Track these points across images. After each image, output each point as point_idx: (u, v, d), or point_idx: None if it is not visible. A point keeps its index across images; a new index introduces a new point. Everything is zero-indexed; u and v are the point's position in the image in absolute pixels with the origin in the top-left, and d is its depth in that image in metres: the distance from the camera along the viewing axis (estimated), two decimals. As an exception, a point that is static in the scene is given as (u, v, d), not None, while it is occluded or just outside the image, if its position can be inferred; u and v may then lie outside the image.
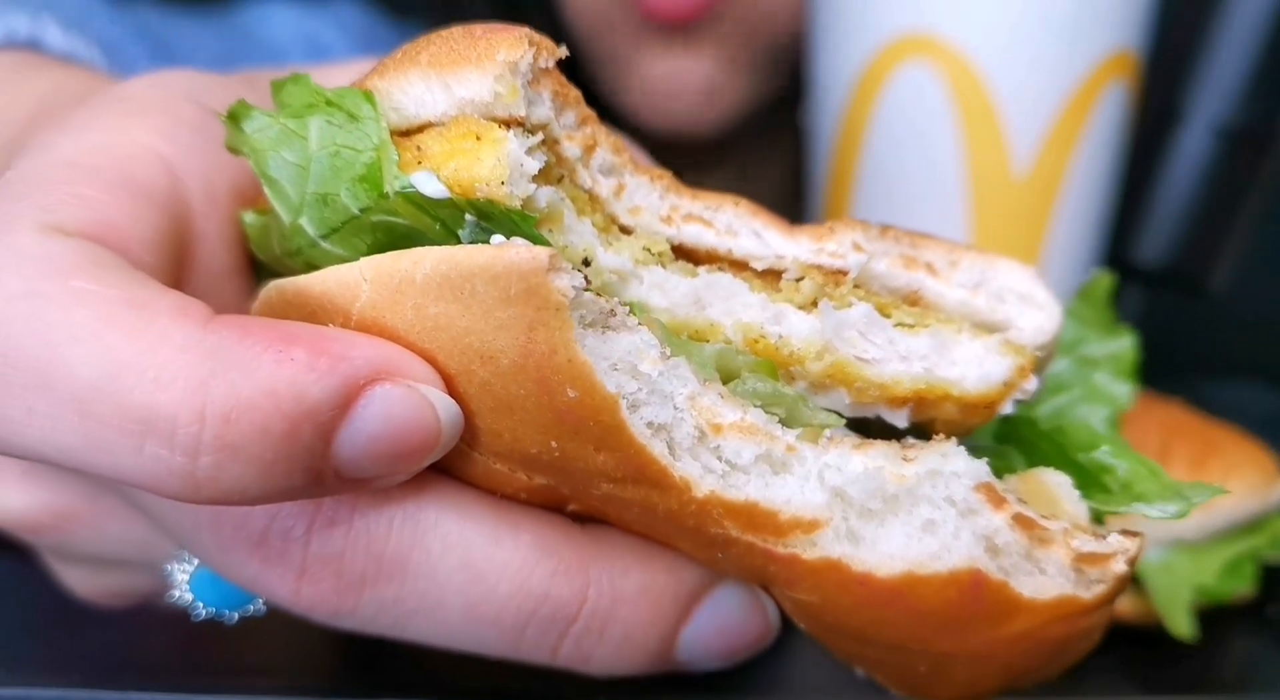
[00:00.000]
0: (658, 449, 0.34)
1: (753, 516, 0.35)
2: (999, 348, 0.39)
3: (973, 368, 0.38)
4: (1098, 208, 0.82)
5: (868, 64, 0.78)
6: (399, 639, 0.39)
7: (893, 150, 0.79)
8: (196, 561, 0.43)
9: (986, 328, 0.39)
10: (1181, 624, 0.59)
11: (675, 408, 0.35)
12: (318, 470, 0.33)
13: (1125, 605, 0.62)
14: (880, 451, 0.35)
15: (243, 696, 0.51)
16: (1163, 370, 0.73)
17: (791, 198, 0.97)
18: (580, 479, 0.35)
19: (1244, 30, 0.88)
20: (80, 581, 0.47)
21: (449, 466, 0.37)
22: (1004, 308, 0.39)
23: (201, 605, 0.44)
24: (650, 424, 0.34)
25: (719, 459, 0.35)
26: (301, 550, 0.36)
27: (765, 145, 1.02)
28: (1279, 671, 0.63)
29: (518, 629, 0.37)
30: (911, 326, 0.39)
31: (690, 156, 0.93)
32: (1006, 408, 0.39)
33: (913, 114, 0.77)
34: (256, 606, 0.44)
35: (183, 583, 0.43)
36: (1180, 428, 0.68)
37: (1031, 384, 0.39)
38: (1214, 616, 0.63)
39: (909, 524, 0.35)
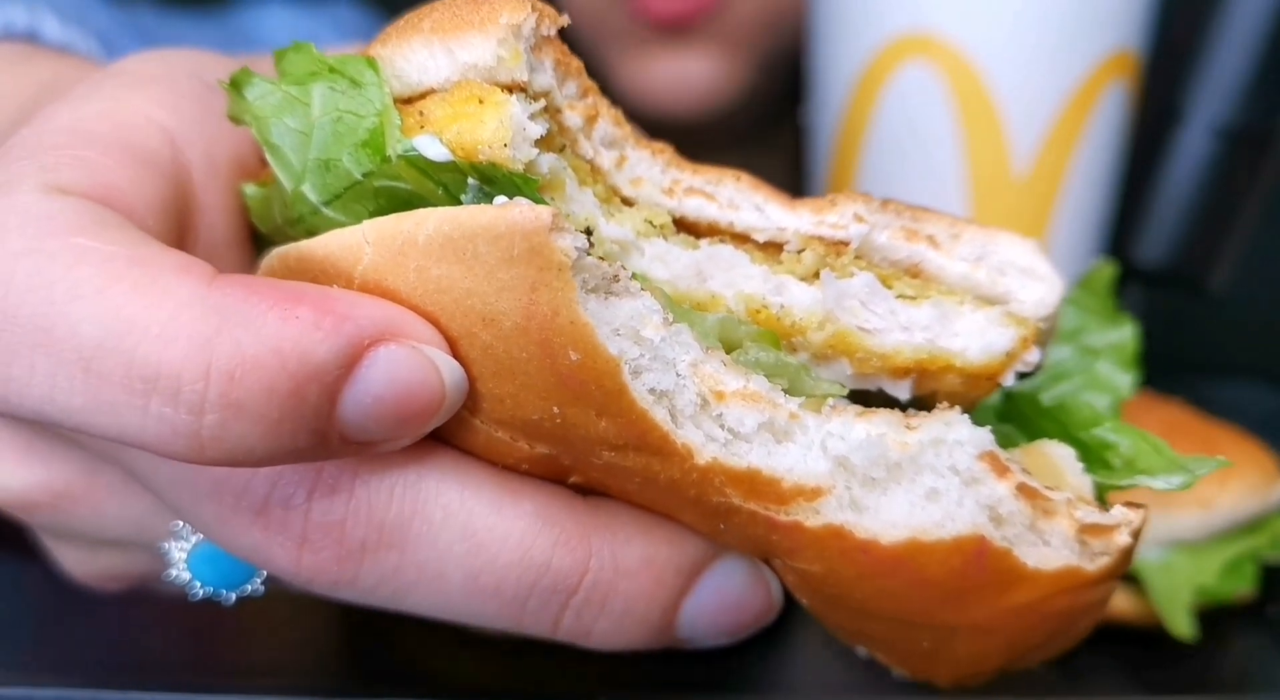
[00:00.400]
0: (660, 415, 0.34)
1: (755, 484, 0.35)
2: (1001, 319, 0.39)
3: (975, 338, 0.39)
4: (1098, 208, 0.82)
5: (868, 64, 0.79)
6: (400, 610, 0.39)
7: (893, 150, 0.80)
8: (194, 540, 0.43)
9: (988, 300, 0.40)
10: (1181, 624, 0.60)
11: (678, 374, 0.35)
12: (323, 431, 0.33)
13: (1125, 605, 0.63)
14: (883, 419, 0.36)
15: (243, 696, 0.51)
16: (1163, 370, 0.73)
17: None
18: (581, 447, 0.36)
19: (1244, 30, 0.88)
20: (77, 562, 0.47)
21: (451, 436, 0.37)
22: (1005, 281, 0.40)
23: (199, 584, 0.43)
24: (652, 390, 0.34)
25: (721, 427, 0.35)
26: (302, 518, 0.36)
27: (765, 145, 1.03)
28: (1279, 671, 0.63)
29: (519, 600, 0.37)
30: (913, 298, 0.39)
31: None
32: (1009, 379, 0.39)
33: (913, 114, 0.78)
34: (254, 586, 0.44)
35: (180, 561, 0.43)
36: (1180, 428, 0.68)
37: (1033, 355, 0.39)
38: (1214, 616, 0.63)
39: (912, 492, 0.35)
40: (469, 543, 0.37)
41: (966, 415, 0.35)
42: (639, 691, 0.55)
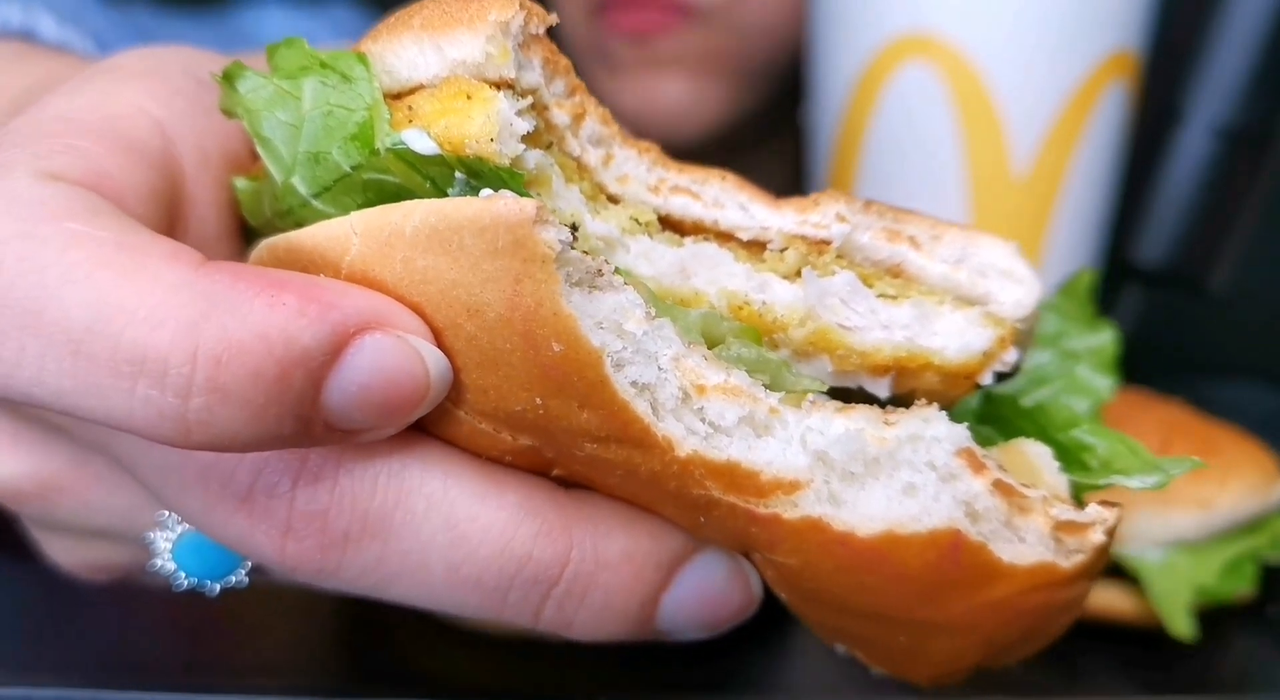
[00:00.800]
0: (641, 408, 0.35)
1: (734, 477, 0.36)
2: (980, 319, 0.40)
3: (954, 338, 0.40)
4: (1098, 208, 0.83)
5: (868, 64, 0.80)
6: (383, 600, 0.40)
7: (893, 150, 0.81)
8: (179, 530, 0.44)
9: (968, 301, 0.41)
10: (1181, 624, 0.61)
11: (659, 368, 0.36)
12: (307, 418, 0.34)
13: (1125, 605, 0.63)
14: (862, 415, 0.37)
15: (243, 696, 0.52)
16: (1163, 370, 0.74)
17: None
18: (564, 439, 0.37)
19: (1244, 30, 0.89)
20: (64, 552, 0.48)
21: (435, 427, 0.39)
22: (985, 282, 0.41)
23: (183, 575, 0.45)
24: (634, 383, 0.36)
25: (702, 420, 0.36)
26: (286, 506, 0.37)
27: (765, 145, 1.04)
28: (1279, 671, 0.63)
29: (500, 591, 0.38)
30: (894, 297, 0.40)
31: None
32: (986, 378, 0.40)
33: (913, 114, 0.79)
34: (238, 577, 0.45)
35: (165, 551, 0.44)
36: (1180, 428, 0.69)
37: (1011, 355, 0.40)
38: (1214, 616, 0.64)
39: (889, 487, 0.36)
40: (451, 533, 0.38)
41: (944, 412, 0.36)
42: (639, 692, 0.56)
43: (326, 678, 0.58)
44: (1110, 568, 0.63)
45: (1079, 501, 0.39)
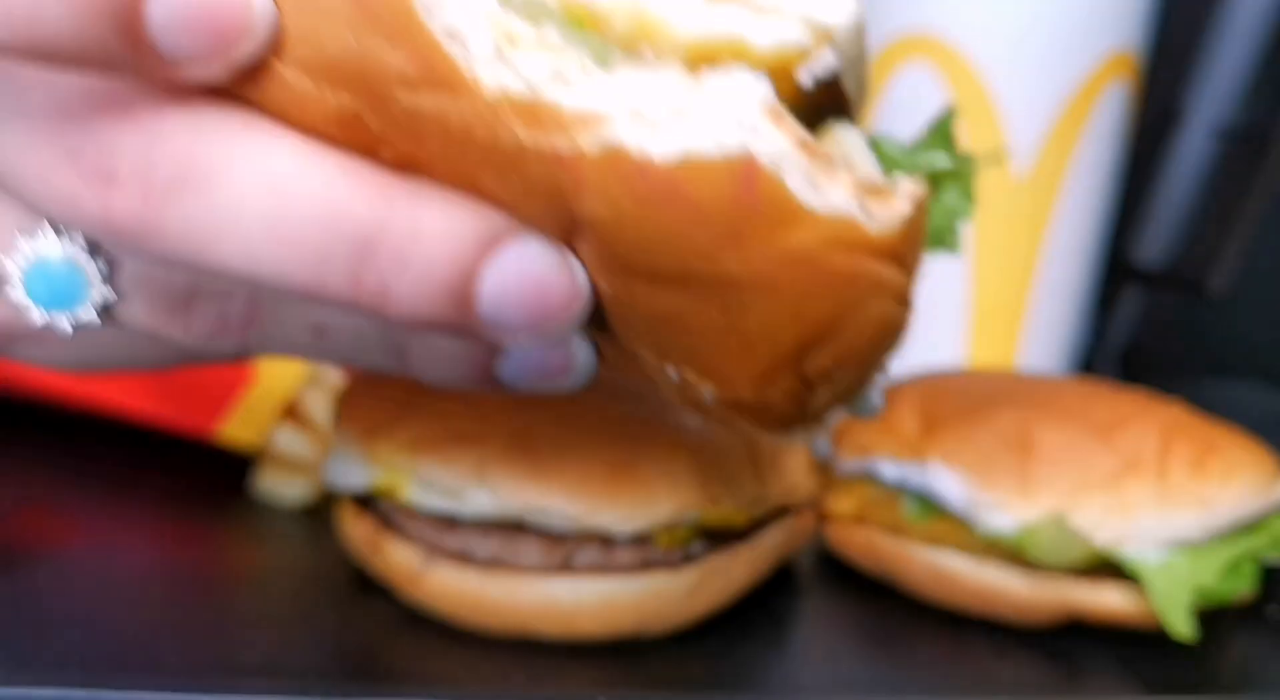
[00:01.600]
0: (452, 48, 0.37)
1: (537, 113, 0.38)
2: (798, 24, 0.42)
3: (770, 33, 0.41)
4: (1098, 208, 0.84)
5: (868, 64, 0.80)
6: (208, 267, 0.41)
7: (892, 151, 0.81)
8: (31, 255, 0.45)
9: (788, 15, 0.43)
10: (1181, 624, 0.61)
11: (472, 16, 0.38)
12: (132, 30, 0.36)
13: (1125, 605, 0.64)
14: (670, 72, 0.39)
15: (243, 696, 0.54)
16: (1163, 370, 0.74)
17: None
18: (380, 90, 0.39)
19: (1244, 30, 0.90)
20: None
21: (257, 94, 0.41)
22: (807, 3, 0.42)
23: (33, 304, 0.46)
24: (445, 29, 0.38)
25: (513, 70, 0.38)
26: (109, 155, 0.40)
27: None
28: (1279, 671, 0.64)
29: (319, 253, 0.40)
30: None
31: None
32: (804, 77, 0.41)
33: (913, 114, 0.80)
34: (87, 312, 0.46)
35: (16, 277, 0.46)
36: (1180, 428, 0.69)
37: (828, 57, 0.41)
38: (1214, 616, 0.65)
39: (691, 133, 0.38)
40: (270, 189, 0.39)
41: (754, 73, 0.38)
42: (639, 691, 0.56)
43: (325, 678, 0.58)
44: (1110, 568, 0.64)
45: None
